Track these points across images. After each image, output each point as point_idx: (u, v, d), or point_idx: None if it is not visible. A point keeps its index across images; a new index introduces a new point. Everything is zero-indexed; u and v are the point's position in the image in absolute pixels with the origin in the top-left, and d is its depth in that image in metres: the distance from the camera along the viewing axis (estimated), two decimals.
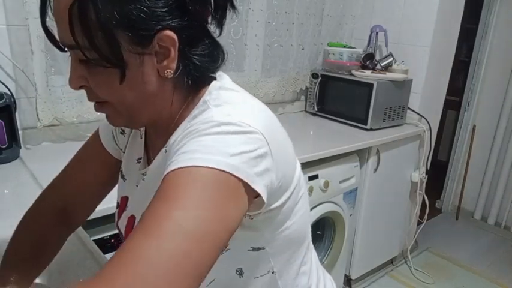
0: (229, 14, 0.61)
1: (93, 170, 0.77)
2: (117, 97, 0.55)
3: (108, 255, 0.94)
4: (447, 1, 2.13)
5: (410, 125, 2.21)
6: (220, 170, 0.46)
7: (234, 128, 0.50)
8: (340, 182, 1.78)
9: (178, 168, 0.46)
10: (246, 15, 1.87)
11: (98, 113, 0.61)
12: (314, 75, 2.21)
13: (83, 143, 0.79)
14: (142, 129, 0.70)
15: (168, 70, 0.54)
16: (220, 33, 0.60)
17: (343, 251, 1.94)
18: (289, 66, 2.16)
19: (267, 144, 0.51)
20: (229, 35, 1.84)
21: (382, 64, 2.16)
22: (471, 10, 2.89)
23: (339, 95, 2.14)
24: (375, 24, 2.30)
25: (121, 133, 0.74)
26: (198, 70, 0.57)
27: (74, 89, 0.55)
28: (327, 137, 1.91)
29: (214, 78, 0.61)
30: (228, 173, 0.46)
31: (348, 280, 2.22)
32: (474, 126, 3.10)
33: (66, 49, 0.54)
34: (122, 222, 0.71)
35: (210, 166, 0.46)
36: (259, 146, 0.50)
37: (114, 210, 1.04)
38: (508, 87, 2.91)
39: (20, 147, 1.31)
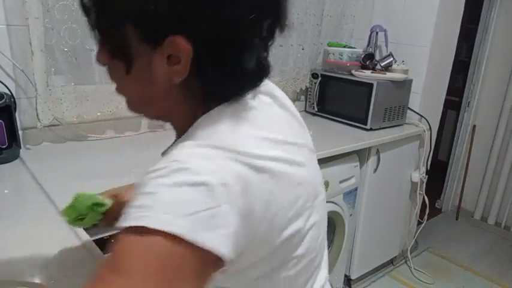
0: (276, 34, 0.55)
1: None
2: (123, 86, 0.56)
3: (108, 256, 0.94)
4: (447, 1, 2.13)
5: (410, 125, 2.21)
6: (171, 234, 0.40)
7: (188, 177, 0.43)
8: (340, 182, 1.78)
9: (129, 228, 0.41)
10: None
11: (98, 114, 0.61)
12: (314, 75, 2.21)
13: (83, 143, 0.79)
14: None
15: (176, 77, 0.50)
16: (269, 46, 0.56)
17: (343, 251, 1.94)
18: (289, 66, 2.16)
19: (227, 201, 0.43)
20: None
21: (382, 64, 2.16)
22: (471, 10, 2.89)
23: (339, 95, 2.14)
24: (375, 24, 2.30)
25: None
26: (215, 88, 0.52)
27: (100, 65, 0.56)
28: (327, 137, 1.91)
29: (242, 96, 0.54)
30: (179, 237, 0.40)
31: (348, 280, 2.22)
32: (474, 126, 3.10)
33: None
34: None
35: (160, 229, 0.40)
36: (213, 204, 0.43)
37: None
38: (508, 87, 2.91)
39: (20, 147, 1.31)
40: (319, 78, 2.18)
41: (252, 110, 0.53)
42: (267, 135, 0.52)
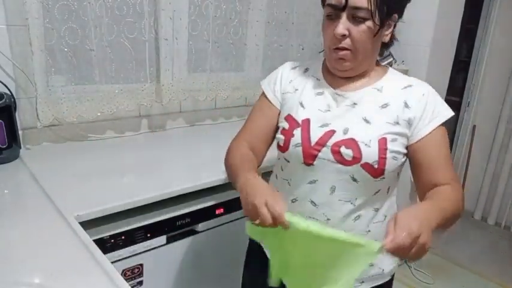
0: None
1: (266, 121, 1.06)
2: (365, 45, 0.89)
3: (108, 255, 0.94)
4: (447, 1, 2.13)
5: None
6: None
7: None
8: None
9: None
10: (246, 15, 1.87)
11: (98, 114, 0.62)
12: None
13: (83, 143, 0.79)
14: (318, 74, 1.03)
15: (386, 38, 0.93)
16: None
17: None
18: None
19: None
20: (229, 35, 1.84)
21: (382, 64, 2.15)
22: (471, 10, 2.89)
23: None
24: None
25: (290, 82, 1.06)
26: (390, 44, 0.98)
27: (339, 35, 0.87)
28: None
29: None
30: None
31: None
32: (474, 126, 3.10)
33: (345, 8, 0.85)
34: (315, 134, 0.94)
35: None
36: None
37: (113, 211, 1.04)
38: (508, 87, 2.91)
39: (20, 147, 1.31)
40: None
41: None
42: None
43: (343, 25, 0.86)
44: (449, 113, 0.94)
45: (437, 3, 2.08)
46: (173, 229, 1.18)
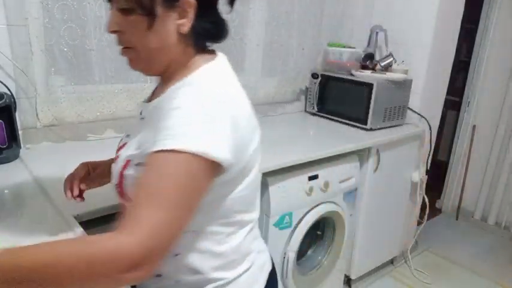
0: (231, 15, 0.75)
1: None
2: (143, 42, 0.69)
3: None
4: (447, 1, 2.13)
5: (410, 125, 2.21)
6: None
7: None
8: (340, 182, 1.78)
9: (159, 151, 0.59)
10: (246, 15, 1.87)
11: (98, 114, 0.62)
12: (314, 75, 2.21)
13: (82, 143, 0.80)
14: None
15: (184, 27, 0.69)
16: (230, 11, 0.76)
17: (343, 251, 1.94)
18: (289, 66, 2.16)
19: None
20: (230, 35, 1.84)
21: (382, 64, 2.16)
22: (471, 10, 2.89)
23: (339, 95, 2.14)
24: (375, 24, 2.30)
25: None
26: (205, 35, 0.73)
27: (109, 32, 0.70)
28: (327, 137, 1.91)
29: (214, 53, 0.76)
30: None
31: (348, 280, 2.22)
32: (474, 126, 3.10)
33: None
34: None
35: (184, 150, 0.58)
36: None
37: (113, 211, 1.04)
38: (508, 87, 2.91)
39: (20, 147, 1.31)
40: (319, 78, 2.18)
41: (222, 59, 0.76)
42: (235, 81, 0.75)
43: (112, 19, 0.69)
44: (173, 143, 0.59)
45: (437, 3, 2.08)
46: None
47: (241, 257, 0.80)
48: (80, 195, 0.89)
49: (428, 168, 2.37)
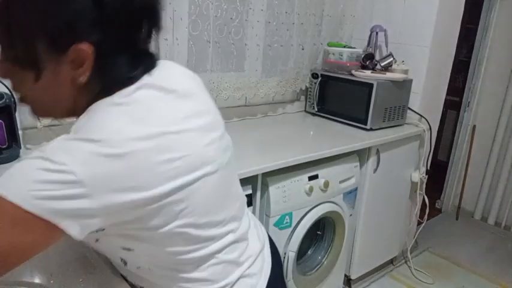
0: (164, 29, 0.66)
1: None
2: (32, 95, 0.61)
3: None
4: (447, 1, 2.13)
5: (410, 125, 2.21)
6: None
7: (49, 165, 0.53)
8: (340, 182, 1.78)
9: None
10: (246, 15, 1.87)
11: None
12: (314, 75, 2.21)
13: None
14: None
15: (81, 78, 0.58)
16: (149, 42, 0.67)
17: (343, 251, 1.94)
18: (289, 66, 2.16)
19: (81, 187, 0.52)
20: (230, 35, 1.84)
21: (382, 64, 2.16)
22: (471, 10, 2.90)
23: (339, 95, 2.14)
24: (375, 24, 2.30)
25: None
26: (111, 79, 0.60)
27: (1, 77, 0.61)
28: (327, 137, 1.91)
29: (135, 81, 0.61)
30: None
31: (348, 280, 2.22)
32: (474, 126, 3.10)
33: None
34: None
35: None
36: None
37: None
38: (508, 87, 2.91)
39: (20, 147, 1.31)
40: (319, 78, 2.18)
41: (133, 104, 0.59)
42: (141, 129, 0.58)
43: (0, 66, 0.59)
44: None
45: (437, 3, 2.08)
46: None
47: (220, 277, 0.72)
48: None
49: (428, 168, 2.37)
